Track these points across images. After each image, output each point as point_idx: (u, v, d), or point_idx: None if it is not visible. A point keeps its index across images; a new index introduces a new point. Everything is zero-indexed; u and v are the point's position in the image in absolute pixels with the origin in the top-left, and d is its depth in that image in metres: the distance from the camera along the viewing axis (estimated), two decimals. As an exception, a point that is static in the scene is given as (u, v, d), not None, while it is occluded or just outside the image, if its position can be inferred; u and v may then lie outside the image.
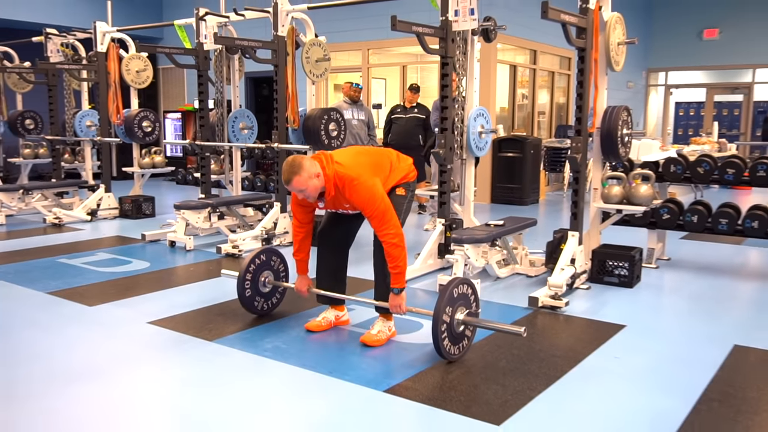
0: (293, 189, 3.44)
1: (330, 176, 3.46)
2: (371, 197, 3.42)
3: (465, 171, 5.55)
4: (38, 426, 2.66)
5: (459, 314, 3.33)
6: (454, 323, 3.31)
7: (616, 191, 4.88)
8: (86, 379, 3.13)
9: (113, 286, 4.83)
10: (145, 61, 8.19)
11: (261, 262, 4.01)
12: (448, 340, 3.29)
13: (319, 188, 3.47)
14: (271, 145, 6.34)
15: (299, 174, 3.38)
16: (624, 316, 4.19)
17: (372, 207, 3.42)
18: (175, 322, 4.00)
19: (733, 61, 14.01)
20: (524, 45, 10.59)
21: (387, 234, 3.41)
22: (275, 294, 4.14)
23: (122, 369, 3.28)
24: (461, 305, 3.35)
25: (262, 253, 4.03)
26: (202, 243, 6.47)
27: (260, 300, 4.05)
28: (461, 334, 3.37)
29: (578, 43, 4.58)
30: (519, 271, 5.24)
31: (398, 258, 3.41)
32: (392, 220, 3.43)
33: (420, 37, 4.83)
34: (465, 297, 3.39)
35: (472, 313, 3.42)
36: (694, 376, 3.21)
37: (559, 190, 11.39)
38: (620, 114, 4.73)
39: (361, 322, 3.99)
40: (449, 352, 3.30)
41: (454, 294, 3.30)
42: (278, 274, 4.12)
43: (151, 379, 3.19)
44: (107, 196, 8.07)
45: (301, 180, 3.39)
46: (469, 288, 3.42)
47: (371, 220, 3.46)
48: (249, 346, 3.57)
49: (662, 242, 5.77)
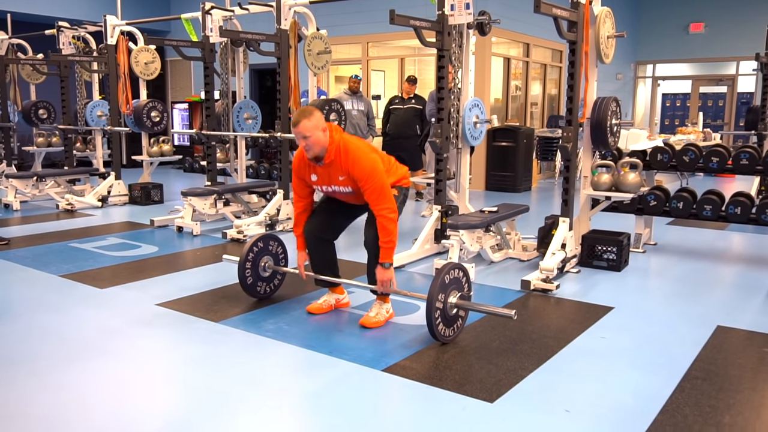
0: (298, 133, 3.33)
1: (336, 140, 3.39)
2: (372, 170, 3.35)
3: (460, 159, 5.52)
4: (52, 399, 2.66)
5: (452, 298, 3.31)
6: (447, 307, 3.29)
7: (605, 179, 4.86)
8: (97, 357, 3.12)
9: (123, 270, 4.82)
10: (153, 54, 8.13)
11: (260, 248, 3.97)
12: (442, 323, 3.28)
13: (322, 143, 3.36)
14: (275, 135, 6.30)
15: (308, 118, 3.30)
16: (612, 298, 4.18)
17: (371, 180, 3.35)
18: (183, 303, 3.99)
19: (717, 54, 13.94)
20: (518, 38, 10.52)
21: (384, 209, 3.35)
22: (275, 278, 4.12)
23: (132, 347, 3.28)
24: (454, 289, 3.34)
25: (260, 240, 3.98)
26: (208, 228, 6.45)
27: (262, 284, 4.03)
28: (455, 317, 3.36)
29: (569, 36, 4.53)
30: (512, 255, 5.24)
31: (391, 233, 3.36)
32: (389, 196, 3.38)
33: (417, 31, 4.79)
34: (458, 281, 3.37)
35: (465, 296, 3.40)
36: (679, 355, 3.21)
37: (550, 177, 11.36)
38: (609, 105, 4.70)
39: (361, 305, 3.98)
40: (443, 335, 3.29)
41: (446, 279, 3.28)
42: (277, 258, 4.09)
43: (159, 356, 3.18)
44: (117, 183, 8.04)
45: (309, 125, 3.30)
46: (461, 272, 3.40)
47: (369, 195, 3.37)
48: (252, 327, 3.57)
49: (649, 228, 5.76)
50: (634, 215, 5.56)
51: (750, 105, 10.60)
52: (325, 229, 3.75)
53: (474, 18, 5.18)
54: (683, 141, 8.67)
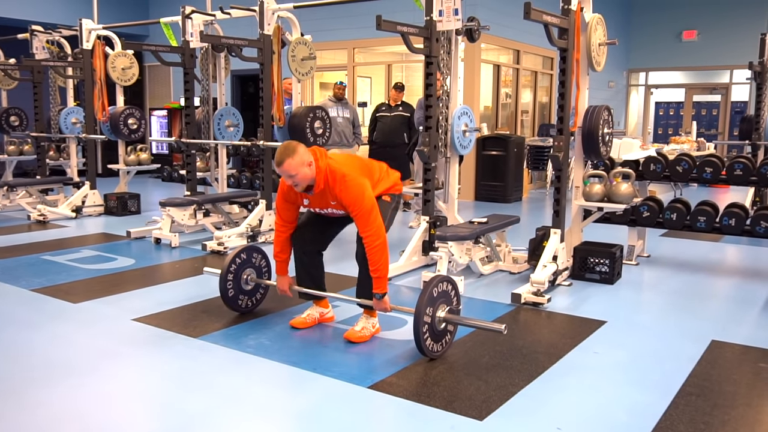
0: (283, 173, 3.34)
1: (322, 168, 3.40)
2: (359, 195, 3.38)
3: (449, 169, 5.55)
4: (21, 420, 2.62)
5: (440, 312, 3.32)
6: (436, 321, 3.30)
7: (597, 189, 4.90)
8: (69, 375, 3.09)
9: (98, 283, 4.78)
10: (131, 59, 8.11)
11: (242, 260, 3.97)
12: (430, 338, 3.28)
13: (309, 178, 3.39)
14: (257, 143, 6.30)
15: (292, 157, 3.30)
16: (604, 312, 4.21)
17: (359, 205, 3.38)
18: (160, 318, 3.96)
19: (711, 62, 14.14)
20: (508, 45, 10.61)
21: (370, 236, 3.37)
22: (258, 291, 4.11)
23: (106, 365, 3.24)
24: (442, 303, 3.34)
25: (243, 252, 3.97)
26: (187, 240, 6.42)
27: (243, 298, 4.02)
28: (443, 331, 3.36)
29: (560, 43, 4.58)
30: (502, 267, 5.25)
31: (379, 262, 3.37)
32: (377, 222, 3.40)
33: (405, 37, 4.82)
34: (446, 294, 3.38)
35: (453, 310, 3.41)
36: (673, 371, 3.23)
37: (541, 188, 11.43)
38: (601, 113, 4.74)
39: (346, 319, 3.97)
40: (431, 350, 3.29)
41: (434, 293, 3.29)
42: (260, 271, 4.09)
43: (135, 374, 3.15)
44: (92, 193, 7.98)
45: (293, 164, 3.31)
46: (449, 285, 3.41)
47: (357, 220, 3.42)
48: (233, 343, 3.55)
49: (642, 239, 5.80)
50: (626, 227, 5.60)
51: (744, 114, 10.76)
52: (315, 241, 3.76)
53: (463, 24, 5.22)
54: (677, 151, 8.77)
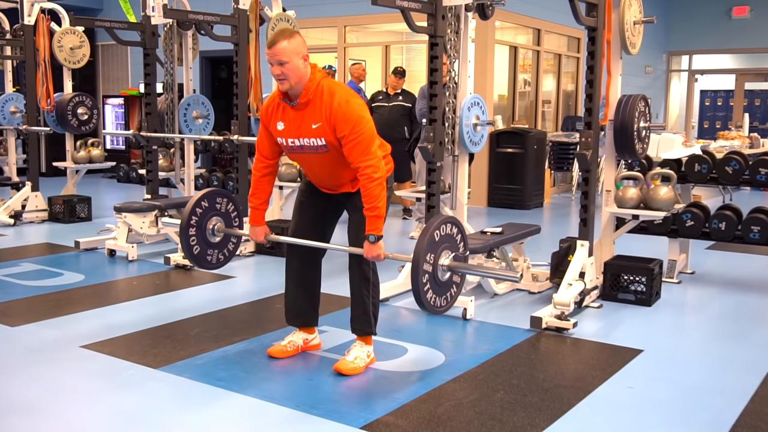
0: (273, 56, 3.27)
1: (317, 78, 3.36)
2: (361, 116, 3.33)
3: (457, 169, 5.56)
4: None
5: (444, 259, 3.29)
6: (438, 270, 3.26)
7: (631, 194, 4.91)
8: (8, 411, 3.08)
9: (40, 303, 4.77)
10: (81, 37, 8.12)
11: (205, 208, 3.83)
12: (432, 291, 3.24)
13: (300, 75, 3.32)
14: (230, 138, 6.30)
15: (288, 40, 3.27)
16: (641, 339, 4.21)
17: (359, 128, 3.31)
18: (114, 345, 3.96)
19: (766, 44, 14.17)
20: (527, 23, 10.65)
21: (369, 166, 3.32)
22: (229, 243, 4.00)
23: (50, 402, 3.23)
24: (446, 248, 3.31)
25: (204, 198, 3.82)
26: (147, 252, 6.41)
27: (213, 252, 3.91)
28: (447, 283, 3.34)
29: (588, 21, 4.60)
30: (520, 286, 5.26)
31: (378, 198, 3.32)
32: (377, 153, 3.36)
33: (405, 13, 4.84)
34: (450, 239, 3.34)
35: (460, 257, 3.38)
36: (722, 409, 3.23)
37: (566, 192, 11.46)
38: (637, 104, 4.76)
39: (335, 347, 3.97)
40: (433, 304, 3.26)
41: (435, 236, 3.24)
42: (229, 218, 3.96)
43: (84, 410, 3.14)
44: (34, 195, 7.97)
45: (287, 48, 3.26)
46: (454, 227, 3.38)
47: (353, 148, 3.33)
48: (201, 375, 3.54)
49: (685, 253, 5.81)
50: (667, 238, 5.61)
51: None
52: (311, 238, 3.67)
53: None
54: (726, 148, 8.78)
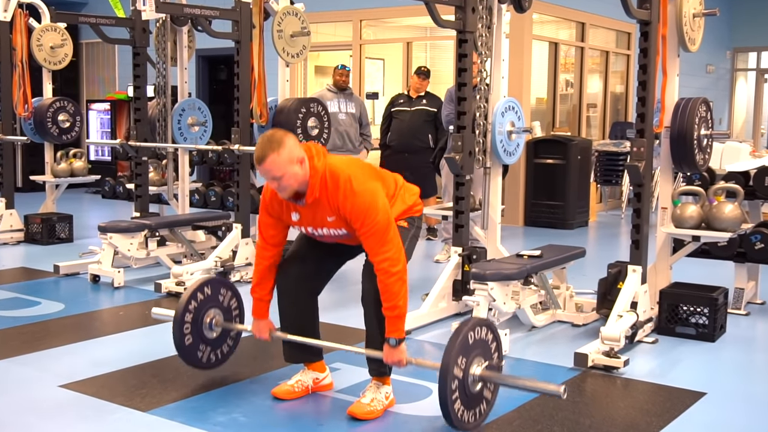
0: (265, 173, 3.30)
1: (319, 169, 3.37)
2: (371, 204, 3.35)
3: (489, 183, 5.55)
4: None
5: (475, 368, 3.30)
6: (469, 379, 3.27)
7: (691, 212, 4.88)
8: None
9: (14, 336, 4.80)
10: (62, 34, 8.22)
11: (205, 297, 3.93)
12: (461, 402, 3.25)
13: (299, 181, 3.36)
14: (230, 147, 6.33)
15: (277, 151, 3.26)
16: (703, 380, 4.18)
17: (371, 218, 3.34)
18: (97, 385, 3.97)
19: None
20: (569, 16, 10.67)
21: (386, 259, 3.34)
22: (226, 341, 4.08)
23: (24, 449, 3.25)
24: (479, 355, 3.32)
25: (205, 285, 3.94)
26: (135, 278, 6.44)
27: (205, 348, 3.97)
28: (478, 395, 3.34)
29: (641, 14, 4.60)
30: (561, 318, 5.24)
31: (397, 295, 3.34)
32: (395, 241, 3.38)
33: (430, 5, 4.86)
34: (484, 344, 3.36)
35: (493, 366, 3.38)
36: (799, 463, 3.20)
37: (615, 209, 11.40)
38: (697, 108, 4.75)
39: (348, 387, 3.96)
40: (462, 420, 3.27)
41: (468, 339, 3.26)
42: (230, 312, 4.05)
43: (63, 463, 3.16)
44: (9, 213, 8.04)
45: (279, 161, 3.27)
46: (489, 332, 3.39)
47: (367, 239, 3.38)
48: (196, 419, 3.54)
49: (754, 280, 5.76)
50: (733, 263, 5.57)
51: None
52: (307, 277, 3.73)
53: (508, -12, 5.26)
54: (800, 159, 8.73)
